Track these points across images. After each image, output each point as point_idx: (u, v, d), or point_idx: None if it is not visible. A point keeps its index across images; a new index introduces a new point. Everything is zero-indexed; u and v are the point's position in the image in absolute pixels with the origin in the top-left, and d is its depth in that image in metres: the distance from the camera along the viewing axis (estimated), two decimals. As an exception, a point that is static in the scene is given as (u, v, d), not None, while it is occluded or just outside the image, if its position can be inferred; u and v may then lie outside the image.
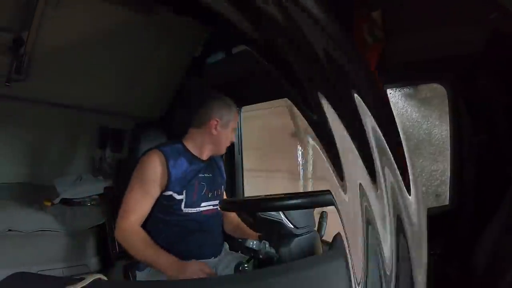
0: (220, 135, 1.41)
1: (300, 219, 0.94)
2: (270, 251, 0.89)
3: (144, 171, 1.34)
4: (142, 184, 1.33)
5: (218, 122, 1.40)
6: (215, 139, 1.42)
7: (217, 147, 1.45)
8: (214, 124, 1.39)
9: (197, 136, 1.43)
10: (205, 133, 1.41)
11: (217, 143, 1.43)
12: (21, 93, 2.13)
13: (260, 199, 0.98)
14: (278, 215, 0.91)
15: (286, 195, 1.00)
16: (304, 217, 0.96)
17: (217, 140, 1.42)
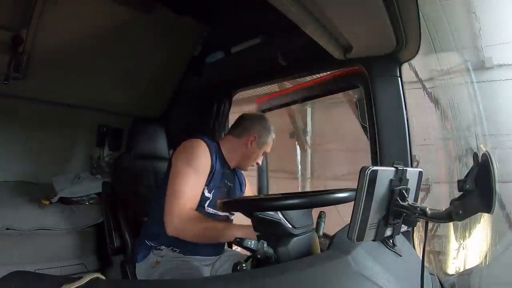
0: (252, 151, 1.48)
1: (298, 219, 0.94)
2: (268, 251, 0.89)
3: (195, 158, 1.33)
4: (195, 171, 1.31)
5: (255, 138, 1.47)
6: (246, 153, 1.49)
7: (244, 161, 1.51)
8: (251, 139, 1.47)
9: (232, 144, 1.49)
10: (240, 144, 1.48)
11: (246, 158, 1.50)
12: (20, 92, 2.13)
13: (259, 199, 0.98)
14: (277, 215, 0.91)
15: (284, 195, 1.00)
16: (302, 217, 0.96)
17: (247, 154, 1.49)
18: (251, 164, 1.53)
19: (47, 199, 2.12)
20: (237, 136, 1.49)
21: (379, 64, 1.41)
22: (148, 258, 1.37)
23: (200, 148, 1.35)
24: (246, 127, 1.49)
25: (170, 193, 1.27)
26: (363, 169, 0.71)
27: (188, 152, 1.34)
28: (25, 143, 2.37)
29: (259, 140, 1.48)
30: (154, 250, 1.38)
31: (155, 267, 1.34)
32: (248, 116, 1.55)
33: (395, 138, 1.39)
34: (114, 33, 1.98)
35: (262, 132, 1.49)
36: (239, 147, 1.48)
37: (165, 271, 1.31)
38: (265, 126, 1.51)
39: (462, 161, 1.83)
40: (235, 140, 1.49)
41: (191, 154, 1.33)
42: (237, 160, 1.50)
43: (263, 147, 1.50)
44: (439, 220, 0.74)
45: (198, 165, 1.32)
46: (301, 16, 1.01)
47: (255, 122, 1.51)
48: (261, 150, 1.51)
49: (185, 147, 1.37)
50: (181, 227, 1.24)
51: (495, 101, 2.12)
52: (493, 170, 0.66)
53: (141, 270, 1.40)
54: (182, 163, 1.31)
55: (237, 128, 1.51)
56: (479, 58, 2.21)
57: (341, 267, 0.76)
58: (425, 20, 1.16)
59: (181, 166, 1.31)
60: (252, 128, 1.48)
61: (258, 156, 1.52)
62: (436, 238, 1.81)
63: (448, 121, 1.88)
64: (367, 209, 0.72)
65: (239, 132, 1.49)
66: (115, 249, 1.57)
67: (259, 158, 1.53)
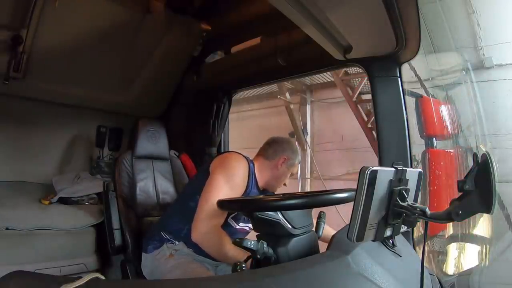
0: (282, 172, 1.54)
1: (298, 219, 0.94)
2: (268, 251, 0.89)
3: (235, 175, 1.37)
4: (231, 188, 1.34)
5: (285, 160, 1.54)
6: (277, 174, 1.54)
7: (274, 182, 1.56)
8: (282, 161, 1.53)
9: (264, 165, 1.54)
10: (271, 165, 1.53)
11: (276, 179, 1.55)
12: (20, 92, 2.13)
13: (258, 199, 0.98)
14: (276, 215, 0.91)
15: (284, 195, 1.01)
16: (302, 217, 0.96)
17: (277, 175, 1.55)
18: (280, 185, 1.59)
19: (46, 199, 2.12)
20: (268, 158, 1.54)
21: (379, 65, 1.41)
22: (160, 250, 1.39)
23: (241, 167, 1.40)
24: (277, 150, 1.55)
25: (204, 200, 1.31)
26: (362, 169, 0.71)
27: (229, 167, 1.39)
28: (25, 143, 2.36)
29: (289, 162, 1.54)
30: (168, 243, 1.40)
31: (168, 259, 1.36)
32: (279, 139, 1.61)
33: (395, 138, 1.40)
34: (114, 33, 1.98)
35: (291, 154, 1.56)
36: (270, 169, 1.53)
37: (178, 264, 1.33)
38: (293, 149, 1.58)
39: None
40: (265, 162, 1.54)
41: (231, 170, 1.38)
42: (266, 181, 1.54)
43: (291, 168, 1.57)
44: (439, 220, 0.74)
45: (235, 183, 1.36)
46: (301, 17, 1.01)
47: (285, 145, 1.58)
48: (289, 171, 1.57)
49: (229, 161, 1.42)
50: (206, 237, 1.29)
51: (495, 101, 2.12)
52: (493, 170, 0.66)
53: (149, 262, 1.41)
54: (222, 175, 1.35)
55: (269, 150, 1.56)
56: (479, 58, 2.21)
57: (340, 267, 0.76)
58: (424, 21, 1.16)
59: (220, 179, 1.34)
60: (282, 150, 1.55)
61: (286, 177, 1.58)
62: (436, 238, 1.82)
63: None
64: (366, 209, 0.72)
65: (271, 154, 1.55)
66: (115, 249, 1.57)
67: (287, 178, 1.59)
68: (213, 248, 1.29)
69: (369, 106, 3.88)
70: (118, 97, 2.40)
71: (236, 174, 1.38)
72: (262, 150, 1.59)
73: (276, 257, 0.90)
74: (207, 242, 1.29)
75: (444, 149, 1.79)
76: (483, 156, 0.68)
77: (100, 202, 2.18)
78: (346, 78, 3.99)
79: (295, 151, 1.59)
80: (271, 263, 0.90)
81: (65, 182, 2.29)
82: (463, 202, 0.70)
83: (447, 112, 1.88)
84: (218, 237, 1.28)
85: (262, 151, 1.59)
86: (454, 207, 0.70)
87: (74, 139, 2.59)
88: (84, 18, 1.85)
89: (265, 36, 1.92)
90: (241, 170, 1.39)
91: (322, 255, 0.88)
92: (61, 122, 2.49)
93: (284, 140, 1.62)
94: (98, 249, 1.99)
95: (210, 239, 1.29)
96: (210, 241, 1.29)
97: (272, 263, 0.90)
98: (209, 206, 1.28)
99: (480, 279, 1.80)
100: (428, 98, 1.78)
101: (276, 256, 0.90)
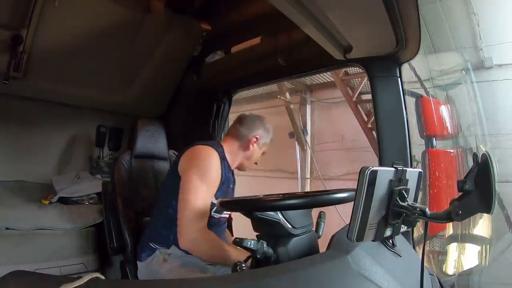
0: (253, 152, 1.50)
1: (298, 219, 0.94)
2: (268, 251, 0.89)
3: (209, 171, 1.32)
4: (208, 186, 1.30)
5: (257, 139, 1.49)
6: (248, 154, 1.50)
7: (245, 162, 1.52)
8: (254, 141, 1.48)
9: (234, 146, 1.49)
10: (242, 145, 1.48)
11: (247, 158, 1.51)
12: (20, 91, 2.13)
13: (258, 199, 0.98)
14: (276, 215, 0.91)
15: (284, 195, 1.00)
16: (302, 217, 0.96)
17: (249, 155, 1.50)
18: (250, 165, 1.54)
19: (46, 199, 2.12)
20: (238, 138, 1.49)
21: (379, 65, 1.41)
22: (154, 257, 1.37)
23: (213, 160, 1.34)
24: (248, 129, 1.49)
25: (184, 206, 1.26)
26: (362, 169, 0.71)
27: (201, 164, 1.31)
28: (25, 143, 2.36)
29: (261, 141, 1.50)
30: (161, 249, 1.37)
31: (162, 264, 1.33)
32: (248, 117, 1.54)
33: (395, 138, 1.39)
34: (114, 33, 1.97)
35: (263, 133, 1.51)
36: (241, 149, 1.49)
37: (172, 267, 1.31)
38: (265, 127, 1.52)
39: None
40: (236, 143, 1.49)
41: (204, 167, 1.31)
42: (238, 162, 1.50)
43: (263, 148, 1.53)
44: (439, 220, 0.74)
45: (211, 180, 1.32)
46: (301, 17, 1.01)
47: (257, 123, 1.51)
48: (261, 150, 1.53)
49: (199, 157, 1.34)
50: (194, 244, 1.26)
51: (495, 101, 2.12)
52: (493, 170, 0.66)
53: (143, 269, 1.39)
54: (196, 175, 1.28)
55: (238, 130, 1.50)
56: (479, 58, 2.21)
57: (340, 267, 0.76)
58: (424, 21, 1.16)
59: (195, 179, 1.28)
60: (254, 129, 1.49)
61: (258, 156, 1.54)
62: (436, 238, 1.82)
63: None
64: (366, 209, 0.72)
65: (240, 134, 1.49)
66: (115, 249, 1.56)
67: (258, 158, 1.55)
68: (205, 252, 1.28)
69: (369, 106, 3.88)
70: (118, 97, 2.40)
71: (210, 171, 1.31)
72: (232, 130, 1.52)
73: (276, 257, 0.90)
74: (197, 248, 1.27)
75: (444, 149, 1.79)
76: (483, 156, 0.68)
77: (100, 202, 2.18)
78: (346, 78, 3.99)
79: (267, 129, 1.52)
80: (271, 263, 0.90)
81: (65, 182, 2.29)
82: (463, 202, 0.70)
83: (447, 112, 1.88)
84: (207, 241, 1.27)
85: (232, 131, 1.52)
86: (454, 207, 0.70)
87: (74, 139, 2.59)
88: (84, 18, 1.85)
89: (265, 36, 1.92)
90: (214, 163, 1.33)
91: (322, 255, 0.88)
92: (61, 122, 2.49)
93: (255, 118, 1.54)
94: (98, 249, 1.99)
95: (199, 245, 1.26)
96: (200, 247, 1.27)
97: (272, 263, 0.90)
98: (191, 211, 1.24)
99: (480, 279, 1.80)
100: (428, 98, 1.78)
101: (276, 256, 0.90)
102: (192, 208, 1.24)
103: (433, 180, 1.67)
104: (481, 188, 0.68)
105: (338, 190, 0.96)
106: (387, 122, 1.41)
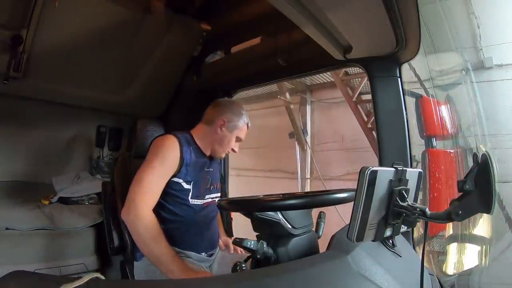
0: (224, 136, 1.46)
1: (298, 219, 0.94)
2: (268, 251, 0.89)
3: (163, 152, 1.33)
4: (161, 166, 1.31)
5: (225, 123, 1.46)
6: (218, 138, 1.47)
7: (218, 148, 1.48)
8: (221, 124, 1.46)
9: (204, 131, 1.48)
10: (211, 130, 1.47)
11: (219, 144, 1.47)
12: (20, 92, 2.13)
13: (258, 199, 0.98)
14: (276, 215, 0.91)
15: (284, 195, 1.00)
16: (302, 217, 0.96)
17: (219, 140, 1.47)
18: (225, 150, 1.50)
19: (46, 199, 2.12)
20: (207, 123, 1.49)
21: (379, 65, 1.41)
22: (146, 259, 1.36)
23: (168, 142, 1.36)
24: (216, 113, 1.48)
25: (135, 182, 1.27)
26: (362, 169, 0.71)
27: (154, 148, 1.36)
28: (25, 143, 2.36)
29: (229, 124, 1.46)
30: None
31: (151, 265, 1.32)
32: (218, 102, 1.54)
33: (395, 138, 1.39)
34: (114, 33, 1.97)
35: (232, 116, 1.47)
36: (210, 134, 1.47)
37: None
38: (234, 110, 1.48)
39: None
40: (206, 127, 1.48)
41: (158, 148, 1.35)
42: (210, 147, 1.49)
43: (234, 131, 1.48)
44: (439, 221, 0.74)
45: (164, 159, 1.32)
46: (301, 17, 1.01)
47: (225, 107, 1.49)
48: (233, 135, 1.48)
49: (155, 143, 1.39)
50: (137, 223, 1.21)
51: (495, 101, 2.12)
52: (493, 170, 0.66)
53: (139, 269, 1.40)
54: (151, 157, 1.33)
55: (207, 115, 1.50)
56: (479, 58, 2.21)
57: (340, 267, 0.76)
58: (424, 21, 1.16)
59: (149, 160, 1.32)
60: (221, 113, 1.47)
61: (230, 141, 1.49)
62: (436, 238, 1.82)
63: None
64: (366, 209, 0.72)
65: (209, 118, 1.49)
66: (115, 249, 1.56)
67: (232, 143, 1.50)
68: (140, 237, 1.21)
69: (369, 106, 3.88)
70: (118, 97, 2.40)
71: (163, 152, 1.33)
72: (204, 115, 1.53)
73: (276, 257, 0.90)
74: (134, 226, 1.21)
75: (444, 149, 1.79)
76: (483, 156, 0.68)
77: (100, 202, 2.18)
78: (346, 78, 3.99)
79: (236, 112, 1.48)
80: (271, 263, 0.90)
81: (65, 182, 2.29)
82: (463, 202, 0.70)
83: (447, 112, 1.88)
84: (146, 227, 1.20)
85: (203, 116, 1.53)
86: (454, 207, 0.70)
87: (74, 139, 2.59)
88: (84, 18, 1.85)
89: (265, 36, 1.92)
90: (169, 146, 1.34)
91: (322, 255, 0.88)
92: (61, 122, 2.49)
93: (225, 102, 1.54)
94: (98, 249, 1.99)
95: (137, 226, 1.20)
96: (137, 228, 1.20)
97: (272, 263, 0.90)
98: (142, 185, 1.25)
99: (480, 279, 1.80)
100: (428, 98, 1.78)
101: (276, 256, 0.90)
102: (142, 181, 1.26)
103: (433, 180, 1.67)
104: (481, 188, 0.68)
105: (338, 190, 0.96)
106: (387, 122, 1.41)
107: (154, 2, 1.96)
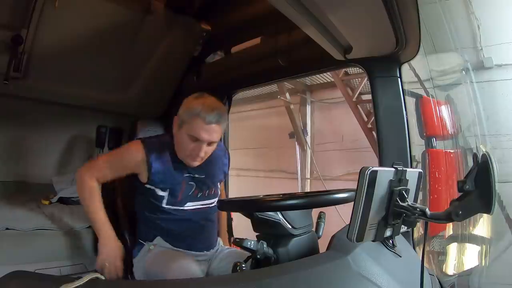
0: (180, 137, 1.30)
1: (298, 219, 0.94)
2: (268, 251, 0.89)
3: (122, 155, 1.41)
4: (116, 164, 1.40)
5: (176, 120, 1.31)
6: (176, 141, 1.33)
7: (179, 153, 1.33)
8: (175, 123, 1.32)
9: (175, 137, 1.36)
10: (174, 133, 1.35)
11: (178, 147, 1.33)
12: (20, 92, 2.12)
13: (258, 199, 0.98)
14: (276, 215, 0.91)
15: (284, 195, 1.00)
16: (302, 217, 0.96)
17: (177, 143, 1.33)
18: (187, 155, 1.30)
19: (46, 199, 2.12)
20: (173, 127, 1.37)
21: (379, 65, 1.41)
22: (143, 251, 1.41)
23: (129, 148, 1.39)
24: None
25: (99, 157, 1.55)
26: (362, 169, 0.71)
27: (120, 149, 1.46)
28: (25, 143, 2.36)
29: (179, 121, 1.28)
30: (148, 243, 1.42)
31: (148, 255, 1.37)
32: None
33: (395, 138, 1.39)
34: (114, 33, 1.97)
35: (182, 112, 1.28)
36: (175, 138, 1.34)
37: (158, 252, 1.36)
38: (188, 103, 1.28)
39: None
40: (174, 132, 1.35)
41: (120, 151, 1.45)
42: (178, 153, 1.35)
43: (182, 127, 1.27)
44: (439, 221, 0.74)
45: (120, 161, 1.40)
46: (301, 17, 1.01)
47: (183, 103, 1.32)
48: (183, 132, 1.27)
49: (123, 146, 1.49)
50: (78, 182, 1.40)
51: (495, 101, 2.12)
52: (493, 170, 0.66)
53: (136, 264, 1.43)
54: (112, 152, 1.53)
55: None
56: (479, 58, 2.21)
57: (340, 268, 0.77)
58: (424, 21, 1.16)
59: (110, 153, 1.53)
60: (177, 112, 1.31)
61: (183, 142, 1.28)
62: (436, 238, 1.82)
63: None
64: (366, 209, 0.72)
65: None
66: None
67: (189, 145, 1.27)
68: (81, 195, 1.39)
69: (369, 106, 3.88)
70: (118, 97, 2.40)
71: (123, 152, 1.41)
72: None
73: (276, 257, 0.90)
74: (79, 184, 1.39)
75: (444, 149, 1.80)
76: (483, 157, 0.68)
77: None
78: (346, 78, 3.99)
79: (188, 105, 1.27)
80: (271, 263, 0.90)
81: (65, 182, 2.29)
82: (463, 202, 0.70)
83: (447, 112, 1.88)
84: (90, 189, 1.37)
85: None
86: (454, 207, 0.70)
87: (74, 139, 2.58)
88: (84, 18, 1.85)
89: (265, 36, 1.92)
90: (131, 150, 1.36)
91: (322, 255, 0.88)
92: (61, 122, 2.48)
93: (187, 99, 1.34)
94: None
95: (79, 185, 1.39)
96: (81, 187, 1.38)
97: (272, 263, 0.90)
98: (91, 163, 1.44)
99: (480, 279, 1.80)
100: (428, 98, 1.79)
101: (276, 256, 0.90)
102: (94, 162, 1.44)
103: (433, 180, 1.67)
104: (481, 188, 0.68)
105: (338, 191, 0.96)
106: (387, 122, 1.41)
107: (154, 2, 1.96)
